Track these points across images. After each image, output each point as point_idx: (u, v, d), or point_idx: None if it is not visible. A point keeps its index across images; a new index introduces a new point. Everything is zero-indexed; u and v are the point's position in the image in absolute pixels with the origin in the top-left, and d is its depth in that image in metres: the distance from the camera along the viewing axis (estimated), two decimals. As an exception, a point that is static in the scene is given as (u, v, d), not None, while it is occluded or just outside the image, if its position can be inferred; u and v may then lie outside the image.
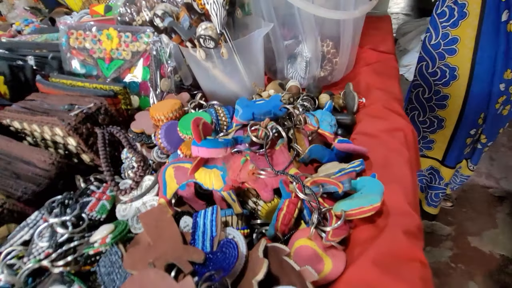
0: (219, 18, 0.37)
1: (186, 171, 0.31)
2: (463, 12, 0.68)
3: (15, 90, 0.51)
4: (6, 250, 0.30)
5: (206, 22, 0.39)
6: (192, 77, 0.57)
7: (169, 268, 0.24)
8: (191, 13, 0.40)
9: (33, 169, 0.38)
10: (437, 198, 1.03)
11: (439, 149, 0.90)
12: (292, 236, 0.28)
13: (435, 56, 0.75)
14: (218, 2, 0.37)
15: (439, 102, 0.80)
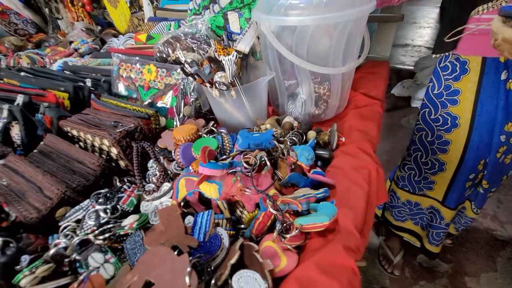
0: (231, 71, 0.51)
1: (194, 183, 0.43)
2: (464, 68, 0.73)
3: (75, 105, 0.67)
4: (64, 224, 0.43)
5: (221, 72, 0.52)
6: (208, 105, 0.70)
7: (173, 248, 0.36)
8: (211, 63, 0.54)
9: (85, 168, 0.51)
10: (438, 237, 1.03)
11: (439, 190, 0.92)
12: (262, 239, 0.39)
13: (438, 104, 0.80)
14: (231, 60, 0.50)
15: (441, 146, 0.84)
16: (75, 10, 1.49)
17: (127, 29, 1.44)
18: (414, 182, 0.97)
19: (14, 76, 0.70)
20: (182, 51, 0.69)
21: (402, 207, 1.06)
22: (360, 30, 0.60)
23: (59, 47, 1.21)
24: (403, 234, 1.13)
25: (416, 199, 1.00)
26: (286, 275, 0.36)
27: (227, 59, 0.50)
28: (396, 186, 1.04)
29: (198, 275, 0.31)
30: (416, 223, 1.07)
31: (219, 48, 0.56)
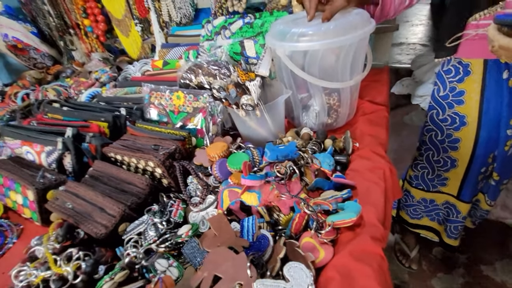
0: (256, 94, 0.59)
1: (236, 193, 0.51)
2: (467, 71, 0.77)
3: (113, 132, 0.75)
4: (128, 237, 0.51)
5: (247, 95, 0.60)
6: (230, 122, 0.78)
7: (230, 248, 0.43)
8: (237, 88, 0.62)
9: (136, 188, 0.59)
10: (456, 231, 1.06)
11: (453, 186, 0.95)
12: (301, 236, 0.46)
13: (445, 105, 0.84)
14: (256, 84, 0.58)
15: (451, 144, 0.87)
16: (89, 41, 1.60)
17: (139, 55, 1.54)
18: (428, 180, 1.00)
19: (58, 111, 0.79)
20: (204, 77, 0.78)
21: (417, 205, 1.09)
22: (364, 48, 0.68)
23: (81, 78, 1.31)
24: (420, 231, 1.16)
25: (431, 196, 1.03)
26: (325, 265, 0.43)
27: (252, 84, 0.58)
28: (410, 185, 1.07)
29: (255, 268, 0.38)
30: (432, 219, 1.10)
31: (241, 73, 0.64)
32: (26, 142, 0.70)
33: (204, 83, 0.78)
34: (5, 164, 0.69)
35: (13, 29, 1.55)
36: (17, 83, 1.50)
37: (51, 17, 1.60)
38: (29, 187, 0.61)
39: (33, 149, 0.69)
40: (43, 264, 0.47)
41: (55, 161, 0.67)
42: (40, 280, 0.44)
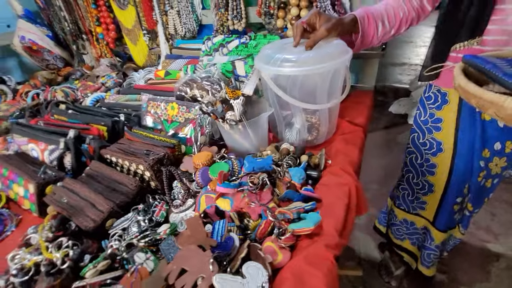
0: (238, 111, 0.66)
1: (212, 199, 0.57)
2: (445, 99, 0.80)
3: (111, 136, 0.82)
4: (113, 232, 0.57)
5: (231, 111, 0.67)
6: (219, 133, 0.85)
7: (199, 247, 0.49)
8: (223, 104, 0.69)
9: (125, 188, 0.66)
10: (429, 259, 1.07)
11: (430, 211, 0.97)
12: (264, 240, 0.52)
13: (425, 130, 0.88)
14: (239, 103, 0.65)
15: (429, 169, 0.90)
16: (99, 47, 1.71)
17: (145, 63, 1.63)
18: (408, 201, 1.03)
19: (63, 113, 0.87)
20: (198, 90, 0.85)
21: (400, 226, 1.11)
22: (341, 74, 0.75)
23: (89, 82, 1.40)
24: (403, 254, 1.18)
25: (412, 218, 1.05)
26: (281, 267, 0.49)
27: (236, 102, 0.65)
28: (394, 205, 1.10)
29: (218, 264, 0.44)
30: (413, 243, 1.11)
31: (229, 91, 0.71)
32: (32, 140, 0.77)
33: (198, 96, 0.85)
34: (12, 159, 0.76)
35: (30, 32, 1.67)
36: (29, 82, 1.59)
37: (67, 23, 1.72)
38: (31, 181, 0.68)
39: (38, 146, 0.76)
40: (36, 250, 0.53)
41: (56, 159, 0.74)
42: (32, 264, 0.50)
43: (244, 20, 1.19)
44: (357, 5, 1.01)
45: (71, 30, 1.74)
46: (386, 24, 0.77)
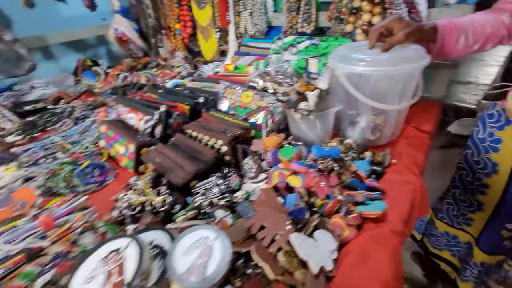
0: (313, 102, 0.72)
1: (284, 175, 0.64)
2: (509, 120, 0.77)
3: (192, 115, 0.95)
4: (197, 190, 0.67)
5: (305, 102, 0.74)
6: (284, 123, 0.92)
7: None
8: (298, 95, 0.76)
9: (205, 157, 0.76)
10: (466, 274, 1.02)
11: (476, 228, 0.94)
12: (331, 217, 0.57)
13: (481, 148, 0.85)
14: (314, 94, 0.72)
15: (479, 188, 0.87)
16: (175, 41, 1.92)
17: (213, 58, 1.80)
18: (453, 216, 0.99)
19: (155, 92, 1.03)
20: (269, 83, 0.94)
21: (439, 237, 1.07)
22: (414, 79, 0.77)
23: (166, 70, 1.60)
24: (440, 263, 1.12)
25: (455, 232, 1.01)
26: (347, 242, 0.53)
27: (312, 93, 0.72)
28: (435, 216, 1.07)
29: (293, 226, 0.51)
30: (453, 255, 1.07)
31: (302, 84, 0.78)
32: (133, 110, 0.93)
33: (269, 88, 0.94)
34: (115, 123, 0.93)
35: (122, 25, 1.95)
36: (116, 67, 1.87)
37: (151, 18, 1.97)
38: (132, 142, 0.82)
39: (137, 116, 0.92)
40: (139, 194, 0.66)
41: (150, 127, 0.88)
42: (138, 203, 0.63)
43: (313, 23, 1.26)
44: (435, 14, 1.00)
45: (153, 26, 1.99)
46: (470, 37, 0.74)
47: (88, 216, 0.69)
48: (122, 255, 0.46)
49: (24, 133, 1.14)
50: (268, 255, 0.47)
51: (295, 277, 0.46)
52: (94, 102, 1.36)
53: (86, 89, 1.61)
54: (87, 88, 1.61)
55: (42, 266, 0.56)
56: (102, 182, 0.83)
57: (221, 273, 0.43)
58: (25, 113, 1.31)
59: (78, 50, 2.06)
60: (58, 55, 1.99)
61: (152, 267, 0.45)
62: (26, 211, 0.71)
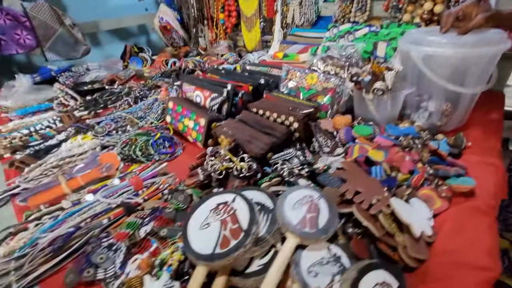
0: (391, 82, 0.73)
1: (365, 149, 0.65)
2: None
3: (254, 95, 0.98)
4: (274, 161, 0.70)
5: (381, 81, 0.75)
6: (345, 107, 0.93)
7: (363, 180, 0.58)
8: (372, 75, 0.77)
9: (276, 133, 0.79)
10: None
11: None
12: (420, 189, 0.58)
13: None
14: (392, 74, 0.73)
15: None
16: (217, 31, 1.97)
17: (254, 48, 1.83)
18: None
19: (217, 73, 1.06)
20: (331, 67, 0.95)
21: None
22: (493, 63, 0.76)
23: (212, 57, 1.64)
24: None
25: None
26: (438, 214, 0.54)
27: (390, 73, 0.73)
28: None
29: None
30: None
31: (375, 66, 0.79)
32: (199, 88, 0.97)
33: (330, 72, 0.95)
34: (182, 100, 0.98)
35: (167, 14, 2.02)
36: (159, 54, 1.94)
37: (193, 9, 2.02)
38: (203, 116, 0.86)
39: (203, 94, 0.96)
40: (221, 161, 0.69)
41: (217, 104, 0.92)
42: (223, 168, 0.66)
43: (367, 13, 1.26)
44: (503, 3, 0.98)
45: (195, 16, 2.04)
46: None
47: (172, 180, 0.73)
48: (232, 207, 0.49)
49: (88, 109, 1.21)
50: (369, 217, 0.49)
51: (395, 239, 0.48)
52: (146, 84, 1.43)
53: (134, 73, 1.68)
54: (135, 72, 1.68)
55: (142, 218, 0.60)
56: (172, 154, 0.88)
57: (333, 226, 0.45)
58: (84, 92, 1.39)
59: (121, 38, 2.15)
60: (104, 42, 2.09)
61: (260, 219, 0.48)
62: (113, 173, 0.76)
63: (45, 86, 1.40)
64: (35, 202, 0.66)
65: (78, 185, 0.71)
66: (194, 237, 0.46)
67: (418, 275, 0.45)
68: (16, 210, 0.68)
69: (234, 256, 0.42)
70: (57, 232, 0.57)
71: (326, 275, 0.42)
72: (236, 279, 0.44)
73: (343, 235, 0.50)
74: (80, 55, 1.69)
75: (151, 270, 0.49)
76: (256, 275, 0.44)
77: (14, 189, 0.73)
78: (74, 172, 0.76)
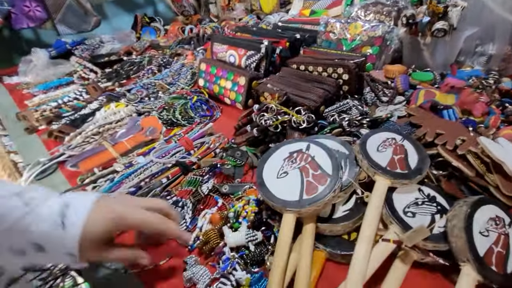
0: (456, 19, 0.66)
1: (432, 94, 0.60)
2: None
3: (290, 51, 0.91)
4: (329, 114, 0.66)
5: (443, 21, 0.68)
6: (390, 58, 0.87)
7: (439, 123, 0.53)
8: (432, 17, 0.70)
9: (326, 86, 0.74)
10: None
11: None
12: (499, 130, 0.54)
13: None
14: (458, 10, 0.65)
15: None
16: (229, -5, 1.84)
17: (272, 10, 1.71)
18: None
19: (248, 31, 0.99)
20: (373, 14, 0.87)
21: None
22: None
23: (230, 21, 1.55)
24: None
25: None
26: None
27: (455, 10, 0.66)
28: None
29: (472, 133, 0.48)
30: None
31: (433, 5, 0.71)
32: (232, 46, 0.91)
33: (372, 20, 0.87)
34: (215, 61, 0.92)
35: (175, -21, 1.89)
36: (172, 24, 1.84)
37: (203, -27, 1.88)
38: (242, 75, 0.81)
39: (238, 52, 0.90)
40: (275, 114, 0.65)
41: (254, 62, 0.86)
42: (278, 122, 0.62)
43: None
44: None
45: (205, -20, 1.90)
46: None
47: (221, 138, 0.70)
48: (309, 154, 0.46)
49: (111, 81, 1.16)
50: (457, 157, 0.46)
51: (486, 179, 0.45)
52: (164, 53, 1.36)
53: (148, 44, 1.61)
54: (150, 43, 1.60)
55: (201, 176, 0.58)
56: (211, 116, 0.84)
57: (425, 166, 0.42)
58: (102, 64, 1.33)
59: (128, 10, 2.04)
60: (110, 14, 1.99)
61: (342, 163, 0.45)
62: (157, 136, 0.73)
63: (62, 60, 1.34)
64: (87, 167, 0.64)
65: (126, 149, 0.68)
66: (274, 187, 0.43)
67: None
68: (67, 176, 0.66)
69: (325, 200, 0.40)
70: (119, 192, 0.55)
71: (425, 214, 0.40)
72: (324, 226, 0.42)
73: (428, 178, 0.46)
74: (91, 27, 1.61)
75: (225, 223, 0.48)
76: (343, 221, 0.42)
77: (60, 156, 0.71)
78: (117, 138, 0.74)
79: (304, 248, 0.39)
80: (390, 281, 0.37)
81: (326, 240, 0.42)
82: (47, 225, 0.29)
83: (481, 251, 0.34)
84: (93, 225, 0.31)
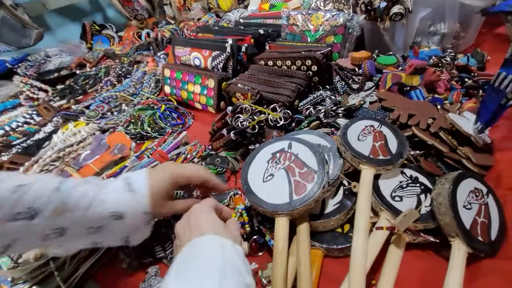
0: (411, 3, 0.69)
1: (398, 77, 0.62)
2: None
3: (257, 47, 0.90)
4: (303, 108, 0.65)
5: (398, 5, 0.70)
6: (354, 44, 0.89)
7: (409, 104, 0.55)
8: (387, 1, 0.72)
9: (297, 79, 0.73)
10: None
11: None
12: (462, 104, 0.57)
13: None
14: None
15: None
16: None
17: (230, 7, 1.68)
18: None
19: (209, 31, 0.95)
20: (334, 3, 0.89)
21: None
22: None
23: (189, 22, 1.48)
24: None
25: None
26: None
27: (408, -6, 0.68)
28: None
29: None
30: None
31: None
32: (195, 48, 0.87)
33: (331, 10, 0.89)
34: (179, 65, 0.87)
35: (123, -18, 1.76)
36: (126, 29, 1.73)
37: (153, -27, 1.78)
38: (211, 77, 0.78)
39: (202, 54, 0.86)
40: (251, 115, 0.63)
41: (221, 62, 0.83)
42: (256, 122, 0.60)
43: None
44: None
45: (156, -19, 1.81)
46: None
47: (198, 147, 0.66)
48: (292, 152, 0.45)
49: (65, 98, 1.06)
50: (430, 136, 0.47)
51: (458, 153, 0.47)
52: (122, 62, 1.27)
53: (103, 54, 1.49)
54: (104, 52, 1.49)
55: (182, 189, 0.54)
56: (183, 124, 0.80)
57: (405, 149, 0.43)
58: (52, 80, 1.21)
59: (74, 18, 1.87)
60: (54, 24, 1.81)
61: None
62: (128, 152, 0.67)
63: (4, 81, 1.20)
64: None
65: (93, 172, 0.62)
66: (261, 192, 0.41)
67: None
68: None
69: (316, 198, 0.39)
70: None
71: (411, 196, 0.40)
72: (317, 223, 0.41)
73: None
74: (33, 41, 1.45)
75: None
76: (335, 214, 0.42)
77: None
78: (81, 161, 0.67)
79: (301, 251, 0.37)
80: (389, 266, 0.37)
81: (320, 237, 0.42)
82: (118, 194, 0.36)
83: (467, 224, 0.36)
84: (156, 184, 0.37)
